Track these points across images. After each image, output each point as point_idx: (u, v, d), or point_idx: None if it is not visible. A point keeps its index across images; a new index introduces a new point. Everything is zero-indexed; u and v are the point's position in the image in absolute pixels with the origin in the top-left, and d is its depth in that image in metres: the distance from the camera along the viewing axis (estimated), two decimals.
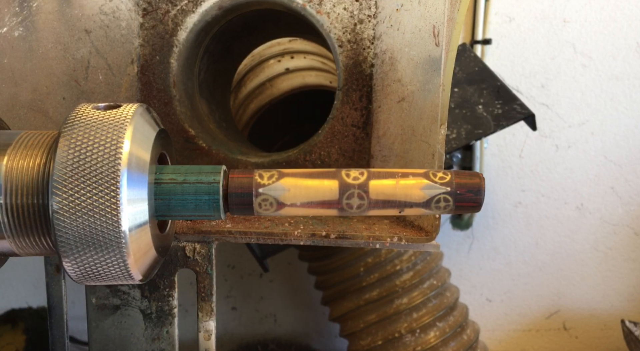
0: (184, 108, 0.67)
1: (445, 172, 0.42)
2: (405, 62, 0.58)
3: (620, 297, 1.34)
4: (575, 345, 1.38)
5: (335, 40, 0.63)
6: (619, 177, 1.28)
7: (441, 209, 0.42)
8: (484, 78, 0.97)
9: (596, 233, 1.31)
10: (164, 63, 0.66)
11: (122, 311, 0.57)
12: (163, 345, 0.57)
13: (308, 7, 0.63)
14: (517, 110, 0.93)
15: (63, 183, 0.37)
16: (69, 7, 0.61)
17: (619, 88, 1.24)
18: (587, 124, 1.26)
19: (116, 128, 0.39)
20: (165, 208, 0.42)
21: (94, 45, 0.63)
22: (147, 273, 0.42)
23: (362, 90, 0.63)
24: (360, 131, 0.64)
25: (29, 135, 0.42)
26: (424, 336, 0.92)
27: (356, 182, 0.41)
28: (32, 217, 0.40)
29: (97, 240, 0.38)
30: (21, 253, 0.42)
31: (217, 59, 0.78)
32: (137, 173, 0.39)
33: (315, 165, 0.64)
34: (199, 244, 0.55)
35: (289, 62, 1.02)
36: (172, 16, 0.65)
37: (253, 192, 0.41)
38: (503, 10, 1.21)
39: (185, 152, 0.66)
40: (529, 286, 1.35)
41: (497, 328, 1.38)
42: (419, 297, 0.93)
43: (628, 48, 1.22)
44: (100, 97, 0.64)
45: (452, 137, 0.92)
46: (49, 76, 0.61)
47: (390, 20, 0.60)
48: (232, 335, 1.40)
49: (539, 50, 1.22)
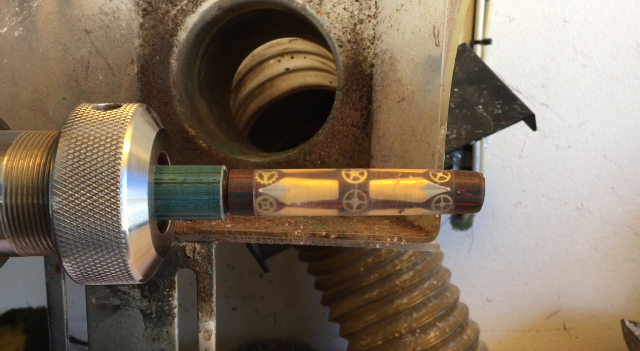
0: (184, 108, 0.67)
1: (445, 172, 0.42)
2: (405, 62, 0.58)
3: (620, 297, 1.34)
4: (575, 345, 1.38)
5: (335, 40, 0.63)
6: (619, 177, 1.28)
7: (441, 209, 0.42)
8: (484, 78, 0.97)
9: (596, 233, 1.31)
10: (164, 63, 0.66)
11: (122, 311, 0.57)
12: (163, 345, 0.57)
13: (308, 7, 0.63)
14: (517, 110, 0.93)
15: (63, 183, 0.37)
16: (69, 7, 0.61)
17: (619, 88, 1.24)
18: (587, 124, 1.26)
19: (116, 128, 0.39)
20: (165, 208, 0.42)
21: (94, 45, 0.63)
22: (147, 273, 0.42)
23: (362, 90, 0.63)
24: (360, 131, 0.64)
25: (29, 135, 0.42)
26: (424, 336, 0.92)
27: (356, 182, 0.41)
28: (32, 217, 0.40)
29: (97, 240, 0.38)
30: (21, 253, 0.42)
31: (217, 59, 0.78)
32: (137, 173, 0.39)
33: (315, 165, 0.64)
34: (199, 244, 0.55)
35: (289, 62, 1.02)
36: (172, 16, 0.65)
37: (253, 192, 0.41)
38: (503, 10, 1.21)
39: (185, 152, 0.66)
40: (529, 286, 1.35)
41: (497, 328, 1.38)
42: (419, 297, 0.93)
43: (628, 48, 1.22)
44: (100, 97, 0.64)
45: (452, 137, 0.92)
46: (49, 76, 0.61)
47: (390, 20, 0.60)
48: (232, 335, 1.40)
49: (539, 50, 1.22)
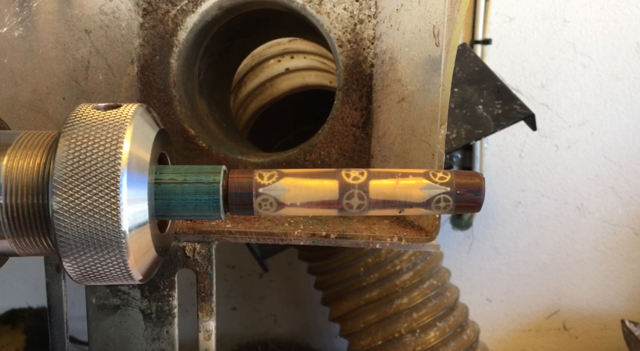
0: (184, 108, 0.67)
1: (445, 172, 0.42)
2: (405, 62, 0.58)
3: (620, 297, 1.34)
4: (575, 345, 1.38)
5: (335, 40, 0.63)
6: (619, 177, 1.28)
7: (441, 209, 0.42)
8: (484, 78, 0.97)
9: (596, 233, 1.31)
10: (164, 63, 0.66)
11: (122, 311, 0.57)
12: (163, 345, 0.57)
13: (308, 7, 0.63)
14: (517, 110, 0.93)
15: (63, 183, 0.37)
16: (69, 7, 0.61)
17: (619, 88, 1.24)
18: (587, 124, 1.26)
19: (116, 128, 0.39)
20: (165, 208, 0.42)
21: (94, 45, 0.63)
22: (147, 273, 0.42)
23: (362, 90, 0.63)
24: (360, 131, 0.64)
25: (29, 135, 0.42)
26: (424, 336, 0.92)
27: (356, 182, 0.41)
28: (32, 217, 0.40)
29: (97, 240, 0.38)
30: (21, 253, 0.42)
31: (217, 59, 0.78)
32: (137, 173, 0.39)
33: (315, 165, 0.64)
34: (199, 244, 0.55)
35: (289, 62, 1.02)
36: (172, 16, 0.65)
37: (253, 192, 0.41)
38: (503, 10, 1.21)
39: (185, 152, 0.66)
40: (529, 286, 1.35)
41: (497, 328, 1.38)
42: (419, 297, 0.93)
43: (628, 48, 1.22)
44: (100, 97, 0.64)
45: (452, 137, 0.92)
46: (49, 76, 0.61)
47: (390, 20, 0.60)
48: (232, 335, 1.40)
49: (539, 50, 1.22)
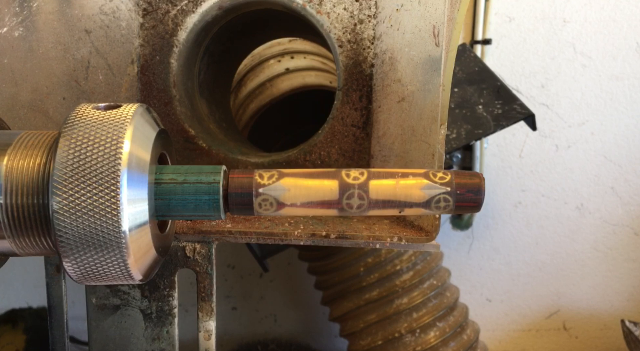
0: (184, 108, 0.67)
1: (445, 172, 0.42)
2: (405, 62, 0.58)
3: (620, 297, 1.34)
4: (575, 345, 1.38)
5: (335, 40, 0.63)
6: (619, 177, 1.28)
7: (441, 209, 0.42)
8: (484, 78, 0.97)
9: (596, 233, 1.31)
10: (164, 63, 0.66)
11: (122, 311, 0.57)
12: (163, 345, 0.57)
13: (308, 7, 0.63)
14: (517, 110, 0.93)
15: (63, 183, 0.37)
16: (69, 7, 0.61)
17: (619, 88, 1.24)
18: (587, 124, 1.26)
19: (116, 128, 0.39)
20: (165, 208, 0.42)
21: (94, 45, 0.63)
22: (147, 273, 0.42)
23: (362, 90, 0.63)
24: (360, 131, 0.64)
25: (29, 135, 0.42)
26: (424, 336, 0.92)
27: (356, 182, 0.41)
28: (32, 217, 0.40)
29: (97, 240, 0.38)
30: (21, 253, 0.42)
31: (217, 59, 0.78)
32: (137, 173, 0.39)
33: (315, 165, 0.64)
34: (199, 244, 0.55)
35: (289, 62, 1.02)
36: (172, 16, 0.65)
37: (253, 192, 0.41)
38: (503, 10, 1.21)
39: (185, 152, 0.66)
40: (529, 286, 1.35)
41: (497, 328, 1.38)
42: (419, 297, 0.93)
43: (628, 48, 1.22)
44: (100, 97, 0.64)
45: (452, 137, 0.92)
46: (49, 76, 0.61)
47: (390, 20, 0.60)
48: (232, 335, 1.40)
49: (539, 50, 1.22)
